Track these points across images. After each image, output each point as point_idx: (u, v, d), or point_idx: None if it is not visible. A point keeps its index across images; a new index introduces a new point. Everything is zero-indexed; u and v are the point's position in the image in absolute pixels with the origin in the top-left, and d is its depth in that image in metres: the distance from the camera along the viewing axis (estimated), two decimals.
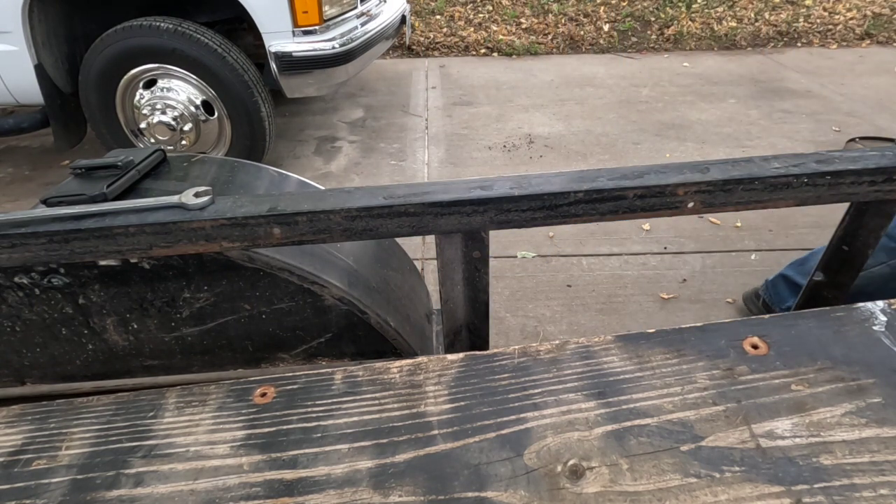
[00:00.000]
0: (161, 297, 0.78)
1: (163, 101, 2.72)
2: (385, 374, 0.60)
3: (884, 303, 0.62)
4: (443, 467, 0.49)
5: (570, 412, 0.53)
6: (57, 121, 2.79)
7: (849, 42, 5.28)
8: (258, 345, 0.85)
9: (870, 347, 0.57)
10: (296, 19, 2.52)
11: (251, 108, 2.72)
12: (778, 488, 0.45)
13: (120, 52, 2.60)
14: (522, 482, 0.47)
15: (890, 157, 0.69)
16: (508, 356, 0.60)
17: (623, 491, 0.46)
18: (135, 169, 0.79)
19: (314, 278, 0.77)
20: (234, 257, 0.74)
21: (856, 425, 0.49)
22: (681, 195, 0.67)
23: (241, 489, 0.49)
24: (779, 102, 3.87)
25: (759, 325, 0.61)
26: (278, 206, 0.66)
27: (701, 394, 0.54)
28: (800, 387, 0.53)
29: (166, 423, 0.56)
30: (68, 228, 0.64)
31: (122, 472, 0.51)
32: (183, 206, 0.66)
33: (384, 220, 0.66)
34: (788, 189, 0.68)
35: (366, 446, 0.52)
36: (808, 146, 3.21)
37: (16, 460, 0.54)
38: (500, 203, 0.66)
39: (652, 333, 0.61)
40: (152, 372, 0.88)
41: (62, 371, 0.86)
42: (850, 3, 5.82)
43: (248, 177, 0.94)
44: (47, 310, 0.78)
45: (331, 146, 3.48)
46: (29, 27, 2.52)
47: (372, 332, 0.84)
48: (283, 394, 0.58)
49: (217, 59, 2.58)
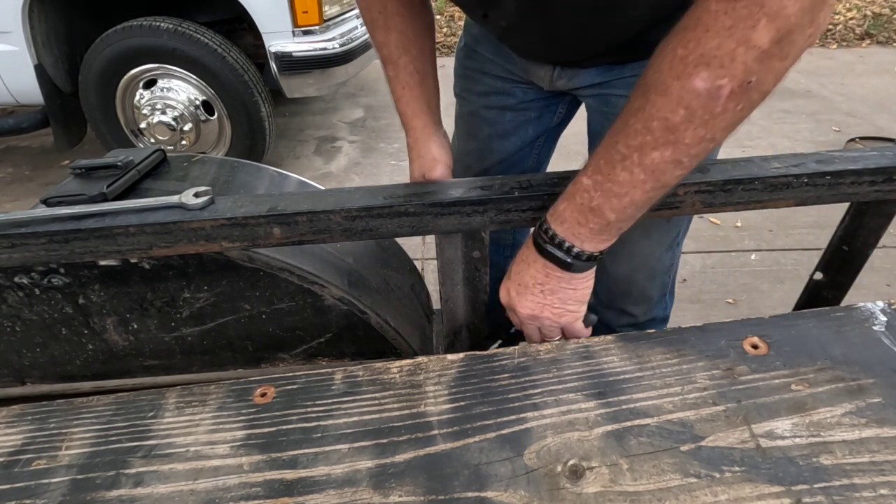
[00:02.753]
0: (161, 297, 0.78)
1: (163, 101, 2.71)
2: (385, 374, 0.60)
3: (884, 303, 0.62)
4: (443, 467, 0.49)
5: (570, 412, 0.53)
6: (57, 121, 2.78)
7: (849, 42, 5.28)
8: (258, 345, 0.85)
9: (870, 347, 0.57)
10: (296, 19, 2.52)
11: (251, 108, 2.72)
12: (778, 488, 0.45)
13: (120, 52, 2.60)
14: (522, 482, 0.47)
15: (890, 157, 0.69)
16: (508, 356, 0.60)
17: (623, 491, 0.46)
18: (135, 169, 0.79)
19: (314, 278, 0.77)
20: (234, 257, 0.74)
21: (856, 425, 0.49)
22: (681, 195, 0.67)
23: (241, 489, 0.49)
24: (779, 102, 3.86)
25: (759, 325, 0.61)
26: (278, 206, 0.66)
27: (701, 394, 0.54)
28: (800, 387, 0.53)
29: (166, 423, 0.56)
30: (68, 228, 0.64)
31: (122, 472, 0.51)
32: (183, 206, 0.66)
33: (384, 220, 0.66)
34: (788, 189, 0.68)
35: (366, 446, 0.52)
36: (808, 146, 3.21)
37: (16, 460, 0.54)
38: (500, 203, 0.66)
39: (652, 333, 0.61)
40: (152, 372, 0.88)
41: (62, 371, 0.86)
42: (850, 3, 5.83)
43: (248, 177, 0.94)
44: (47, 310, 0.78)
45: (331, 146, 3.47)
46: (29, 27, 2.51)
47: (372, 332, 0.84)
48: (283, 394, 0.58)
49: (217, 59, 2.58)
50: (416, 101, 0.83)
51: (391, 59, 0.80)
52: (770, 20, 0.42)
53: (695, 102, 0.48)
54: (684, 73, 0.47)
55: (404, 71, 0.80)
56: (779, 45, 0.44)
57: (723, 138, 0.52)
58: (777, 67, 0.46)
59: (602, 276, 1.08)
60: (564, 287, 0.64)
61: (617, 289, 1.07)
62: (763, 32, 0.43)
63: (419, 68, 0.80)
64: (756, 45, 0.43)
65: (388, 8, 0.77)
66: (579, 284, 0.65)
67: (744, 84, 0.46)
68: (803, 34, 0.44)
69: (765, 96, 0.48)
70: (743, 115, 0.49)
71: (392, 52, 0.79)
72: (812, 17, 0.43)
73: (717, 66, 0.45)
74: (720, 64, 0.45)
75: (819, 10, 0.43)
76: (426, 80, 0.82)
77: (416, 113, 0.84)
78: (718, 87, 0.46)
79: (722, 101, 0.47)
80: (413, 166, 0.86)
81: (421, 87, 0.82)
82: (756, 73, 0.45)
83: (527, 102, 1.00)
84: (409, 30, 0.78)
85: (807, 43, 0.45)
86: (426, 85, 0.82)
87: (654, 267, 1.01)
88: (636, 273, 1.02)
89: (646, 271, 1.02)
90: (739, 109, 0.48)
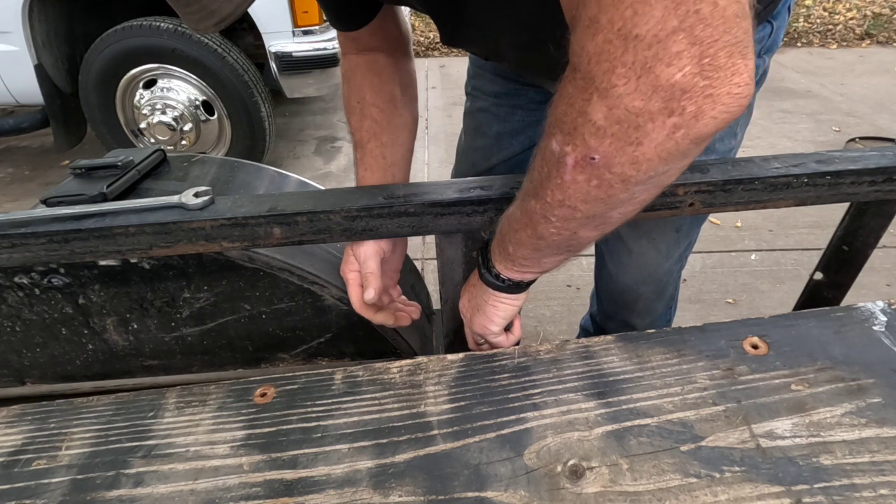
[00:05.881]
0: (161, 297, 0.78)
1: (163, 101, 2.71)
2: (385, 374, 0.60)
3: (884, 303, 0.62)
4: (443, 467, 0.49)
5: (570, 412, 0.53)
6: (57, 121, 2.78)
7: (849, 42, 5.28)
8: (258, 345, 0.85)
9: (870, 347, 0.57)
10: (296, 19, 2.52)
11: (251, 108, 2.72)
12: (778, 488, 0.45)
13: (120, 52, 2.60)
14: (522, 482, 0.47)
15: (890, 157, 0.69)
16: (508, 356, 0.60)
17: (623, 491, 0.46)
18: (135, 169, 0.79)
19: (314, 278, 0.77)
20: (234, 257, 0.74)
21: (856, 425, 0.49)
22: (681, 195, 0.67)
23: (241, 489, 0.49)
24: (779, 102, 3.87)
25: (759, 325, 0.61)
26: (278, 206, 0.66)
27: (701, 394, 0.54)
28: (800, 387, 0.53)
29: (166, 423, 0.56)
30: (68, 228, 0.64)
31: (122, 472, 0.52)
32: (183, 206, 0.65)
33: (384, 220, 0.66)
34: (788, 189, 0.68)
35: (366, 446, 0.52)
36: (808, 146, 3.21)
37: (16, 460, 0.54)
38: (500, 203, 0.66)
39: (652, 333, 0.61)
40: (152, 372, 0.88)
41: (62, 371, 0.86)
42: (850, 3, 5.83)
43: (248, 177, 0.94)
44: (47, 310, 0.78)
45: (331, 146, 3.47)
46: (29, 27, 2.51)
47: (372, 333, 0.84)
48: (283, 394, 0.59)
49: (217, 59, 2.58)
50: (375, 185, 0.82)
51: (360, 144, 0.80)
52: (601, 97, 0.39)
53: (549, 163, 0.46)
54: (548, 131, 0.45)
55: (370, 155, 0.80)
56: (619, 126, 0.39)
57: (591, 214, 0.47)
58: (631, 154, 0.40)
59: (607, 286, 1.08)
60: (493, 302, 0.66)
61: (622, 300, 1.06)
62: (596, 107, 0.39)
63: (386, 155, 0.80)
64: (591, 119, 0.40)
65: (366, 99, 0.79)
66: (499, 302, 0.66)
67: (586, 158, 0.42)
68: (656, 123, 0.38)
69: (629, 184, 0.43)
70: (609, 196, 0.45)
71: (362, 137, 0.80)
72: (666, 105, 0.37)
73: (565, 132, 0.43)
74: (566, 131, 0.43)
75: (679, 99, 0.37)
76: (391, 169, 0.80)
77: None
78: (564, 153, 0.44)
79: (569, 170, 0.44)
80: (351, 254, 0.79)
81: (383, 174, 0.80)
82: (597, 151, 0.41)
83: (537, 103, 1.01)
84: (384, 121, 0.80)
85: (673, 136, 0.39)
86: (390, 173, 0.80)
87: (662, 280, 1.00)
88: (642, 286, 1.01)
89: (653, 284, 1.01)
90: (595, 186, 0.44)
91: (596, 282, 1.14)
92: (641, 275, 0.99)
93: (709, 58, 0.35)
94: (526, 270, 0.61)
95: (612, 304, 1.09)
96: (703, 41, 0.35)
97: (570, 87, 0.41)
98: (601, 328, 1.18)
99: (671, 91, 0.36)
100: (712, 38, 0.35)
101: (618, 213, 0.48)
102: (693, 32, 0.35)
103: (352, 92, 0.81)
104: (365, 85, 0.80)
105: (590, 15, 0.37)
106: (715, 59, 0.36)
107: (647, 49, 0.36)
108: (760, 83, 0.80)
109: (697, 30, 0.35)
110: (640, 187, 0.44)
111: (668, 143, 0.39)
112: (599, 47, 0.37)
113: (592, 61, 0.38)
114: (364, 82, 0.80)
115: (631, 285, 1.01)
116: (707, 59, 0.35)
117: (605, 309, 1.13)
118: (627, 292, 1.03)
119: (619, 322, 1.10)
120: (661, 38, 0.35)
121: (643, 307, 1.05)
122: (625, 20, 0.36)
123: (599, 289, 1.14)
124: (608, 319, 1.14)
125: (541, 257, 0.57)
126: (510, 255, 0.59)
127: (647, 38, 0.35)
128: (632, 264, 0.98)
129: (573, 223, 0.49)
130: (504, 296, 0.64)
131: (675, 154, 0.40)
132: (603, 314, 1.15)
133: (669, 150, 0.40)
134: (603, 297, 1.13)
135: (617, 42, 0.36)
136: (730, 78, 0.36)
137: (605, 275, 1.06)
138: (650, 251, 0.95)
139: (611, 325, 1.13)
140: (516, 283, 0.63)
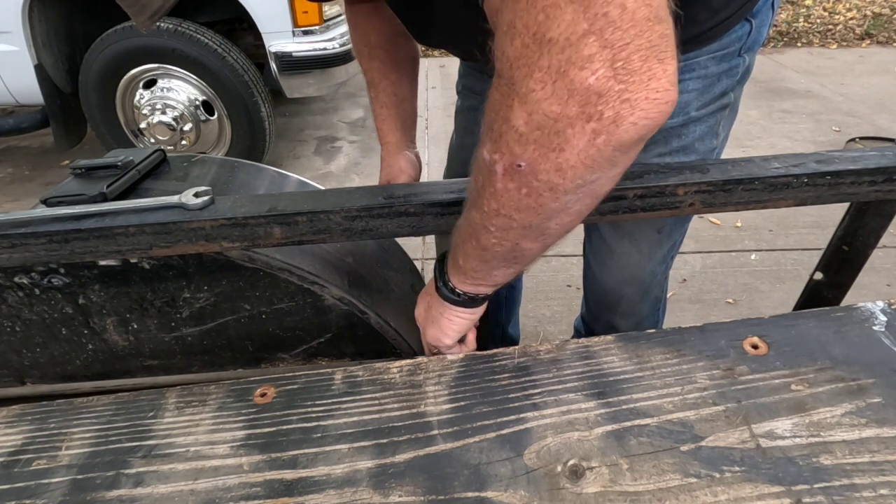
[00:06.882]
0: (161, 297, 0.78)
1: (163, 101, 2.72)
2: (385, 374, 0.60)
3: (884, 303, 0.62)
4: (443, 467, 0.49)
5: (570, 412, 0.53)
6: (57, 121, 2.79)
7: (849, 42, 5.28)
8: (258, 345, 0.85)
9: (870, 347, 0.57)
10: (296, 19, 2.52)
11: (251, 108, 2.72)
12: (778, 488, 0.45)
13: (120, 52, 2.60)
14: (522, 482, 0.47)
15: (890, 157, 0.69)
16: (508, 356, 0.60)
17: (623, 491, 0.46)
18: (135, 169, 0.79)
19: (314, 278, 0.77)
20: (234, 257, 0.74)
21: (856, 425, 0.49)
22: (681, 195, 0.67)
23: (241, 489, 0.49)
24: (779, 102, 3.87)
25: (759, 325, 0.61)
26: (278, 206, 0.66)
27: (701, 394, 0.54)
28: (800, 387, 0.53)
29: (166, 423, 0.56)
30: (68, 228, 0.64)
31: (122, 472, 0.52)
32: (183, 207, 0.65)
33: (384, 220, 0.66)
34: (788, 189, 0.68)
35: (366, 446, 0.52)
36: (808, 146, 3.21)
37: (16, 460, 0.54)
38: None
39: (652, 333, 0.61)
40: (152, 372, 0.88)
41: (62, 371, 0.86)
42: (850, 3, 5.83)
43: (248, 177, 0.94)
44: (47, 310, 0.78)
45: (331, 146, 3.48)
46: (29, 27, 2.52)
47: (372, 332, 0.84)
48: (283, 394, 0.59)
49: (217, 59, 2.58)
50: (391, 120, 0.95)
51: (373, 83, 0.93)
52: (520, 102, 0.38)
53: (483, 171, 0.46)
54: (481, 139, 0.45)
55: (383, 93, 0.92)
56: (540, 132, 0.39)
57: (526, 223, 0.47)
58: (554, 161, 0.40)
59: (592, 287, 1.07)
60: (449, 315, 0.66)
61: (604, 300, 1.06)
62: (517, 113, 0.39)
63: (397, 92, 0.92)
64: (514, 125, 0.40)
65: (372, 42, 0.90)
66: (455, 316, 0.66)
67: (513, 165, 0.42)
68: (575, 128, 0.38)
69: (557, 192, 0.42)
70: (539, 205, 0.44)
71: (374, 77, 0.92)
72: (583, 110, 0.37)
73: (493, 140, 0.43)
74: (493, 138, 0.43)
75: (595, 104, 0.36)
76: (403, 104, 0.94)
77: (391, 129, 0.95)
78: (493, 161, 0.44)
79: (499, 178, 0.44)
80: (382, 174, 0.97)
81: (397, 109, 0.93)
82: (522, 158, 0.41)
83: None
84: (389, 60, 0.91)
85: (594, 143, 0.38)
86: (402, 107, 0.94)
87: (645, 281, 1.00)
88: (625, 287, 1.01)
89: (636, 285, 1.00)
90: (525, 194, 0.43)
91: (583, 283, 1.14)
92: (624, 276, 0.99)
93: (621, 61, 0.35)
94: (479, 283, 0.60)
95: (598, 305, 1.09)
96: (615, 44, 0.35)
97: (496, 93, 0.41)
98: (590, 330, 1.18)
99: (586, 95, 0.36)
100: (623, 42, 0.35)
101: (554, 223, 0.48)
102: (603, 35, 0.34)
103: (359, 37, 0.91)
104: (370, 28, 0.90)
105: (507, 20, 0.37)
106: (628, 63, 0.35)
107: (560, 52, 0.35)
108: (743, 81, 0.81)
109: (607, 33, 0.34)
110: (571, 196, 0.44)
111: (590, 149, 0.39)
112: (518, 52, 0.37)
113: (514, 66, 0.38)
114: (368, 26, 0.90)
115: (613, 286, 1.01)
116: (620, 62, 0.35)
117: (592, 310, 1.13)
118: (610, 293, 1.03)
119: (603, 324, 1.10)
120: (573, 41, 0.35)
121: (626, 309, 1.04)
122: (538, 24, 0.35)
123: (586, 290, 1.14)
124: (595, 321, 1.13)
125: (490, 269, 0.57)
126: (461, 267, 0.59)
127: (559, 42, 0.35)
128: (614, 265, 0.97)
129: (512, 233, 0.49)
130: (460, 310, 0.64)
131: (599, 161, 0.40)
132: (590, 316, 1.15)
133: (593, 157, 0.40)
134: (589, 298, 1.13)
135: (533, 46, 0.36)
136: (646, 83, 0.36)
137: (589, 275, 1.06)
138: (632, 252, 0.95)
139: (597, 328, 1.13)
140: (471, 298, 0.62)
